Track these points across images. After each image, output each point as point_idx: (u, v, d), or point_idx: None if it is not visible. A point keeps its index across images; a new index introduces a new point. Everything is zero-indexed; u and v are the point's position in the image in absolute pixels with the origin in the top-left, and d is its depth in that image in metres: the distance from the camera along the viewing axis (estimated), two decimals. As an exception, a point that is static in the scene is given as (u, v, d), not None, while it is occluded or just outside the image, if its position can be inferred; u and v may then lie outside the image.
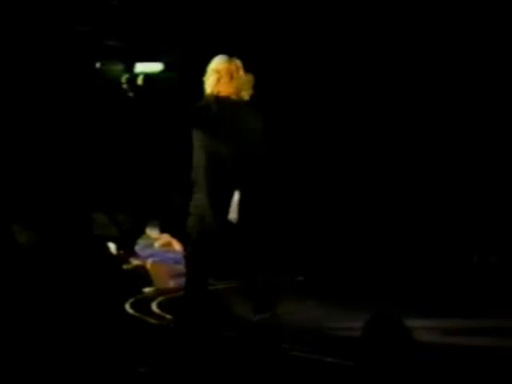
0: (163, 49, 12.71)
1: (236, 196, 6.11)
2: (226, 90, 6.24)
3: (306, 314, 8.81)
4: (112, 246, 11.78)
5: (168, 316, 8.24)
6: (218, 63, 6.30)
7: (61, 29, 12.04)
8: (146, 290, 11.36)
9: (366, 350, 4.63)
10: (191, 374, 5.54)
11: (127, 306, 9.41)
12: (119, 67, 13.12)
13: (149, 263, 11.94)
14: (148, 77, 6.16)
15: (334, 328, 7.59)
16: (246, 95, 6.26)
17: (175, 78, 6.29)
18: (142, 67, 12.96)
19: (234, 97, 6.26)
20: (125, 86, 6.18)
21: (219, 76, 6.25)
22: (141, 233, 12.55)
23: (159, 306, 9.46)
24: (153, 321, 8.23)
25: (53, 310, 8.20)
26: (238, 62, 6.32)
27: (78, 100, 12.99)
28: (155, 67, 12.87)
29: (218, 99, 6.27)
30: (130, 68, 13.00)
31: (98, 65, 13.19)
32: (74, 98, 12.93)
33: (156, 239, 12.42)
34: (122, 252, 11.99)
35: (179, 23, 12.20)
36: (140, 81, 6.22)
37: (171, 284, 11.52)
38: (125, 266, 11.68)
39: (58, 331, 7.10)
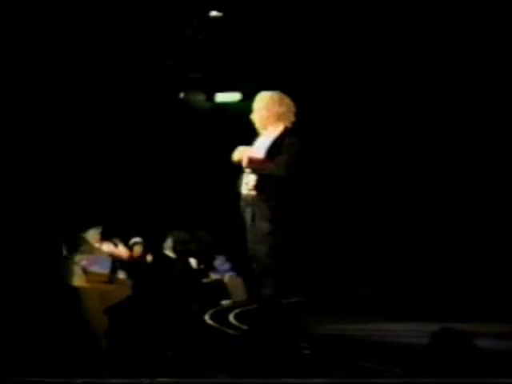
0: (241, 79, 12.89)
1: None
2: (270, 122, 6.10)
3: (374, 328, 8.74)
4: (193, 261, 11.64)
5: (244, 327, 8.16)
6: (261, 100, 6.14)
7: (151, 63, 12.23)
8: (224, 302, 11.34)
9: (432, 360, 4.60)
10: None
11: (207, 317, 9.40)
12: (201, 97, 13.43)
13: (226, 277, 11.96)
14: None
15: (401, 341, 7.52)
16: (288, 124, 6.10)
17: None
18: (221, 97, 13.38)
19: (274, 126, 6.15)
20: None
21: (266, 111, 6.09)
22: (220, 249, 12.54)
23: (236, 317, 9.43)
24: (230, 331, 8.16)
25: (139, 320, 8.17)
26: (276, 97, 6.14)
27: (164, 127, 13.14)
28: (234, 97, 13.22)
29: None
30: (210, 97, 13.42)
31: (181, 95, 13.36)
32: (162, 124, 13.10)
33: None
34: (202, 266, 11.92)
35: (256, 55, 12.37)
36: None
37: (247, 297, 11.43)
38: (204, 280, 11.66)
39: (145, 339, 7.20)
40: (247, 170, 5.94)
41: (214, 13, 12.17)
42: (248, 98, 6.17)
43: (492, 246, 12.83)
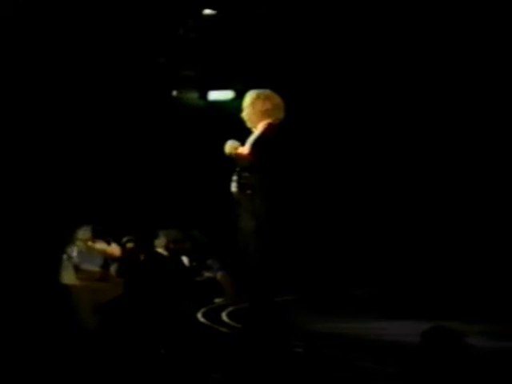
0: (234, 78, 12.89)
1: None
2: (256, 119, 6.09)
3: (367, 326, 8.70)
4: (185, 259, 11.55)
5: (237, 325, 8.10)
6: (247, 98, 6.16)
7: (143, 60, 12.25)
8: (217, 300, 11.24)
9: (423, 359, 4.56)
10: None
11: (199, 315, 9.36)
12: (194, 95, 13.44)
13: (219, 275, 11.86)
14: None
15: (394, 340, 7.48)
16: (275, 120, 6.06)
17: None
18: (214, 95, 13.40)
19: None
20: None
21: (251, 109, 6.10)
22: (213, 248, 12.42)
23: (229, 315, 9.37)
24: (223, 329, 8.13)
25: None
26: (262, 94, 6.12)
27: (157, 125, 13.16)
28: (226, 95, 13.24)
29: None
30: (203, 96, 13.42)
31: (174, 93, 13.37)
32: (154, 123, 13.11)
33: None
34: (194, 265, 11.83)
35: (249, 54, 12.40)
36: None
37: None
38: (197, 278, 11.58)
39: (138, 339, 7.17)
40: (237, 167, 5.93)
41: (207, 11, 12.19)
42: (241, 97, 6.20)
43: (484, 246, 12.79)
